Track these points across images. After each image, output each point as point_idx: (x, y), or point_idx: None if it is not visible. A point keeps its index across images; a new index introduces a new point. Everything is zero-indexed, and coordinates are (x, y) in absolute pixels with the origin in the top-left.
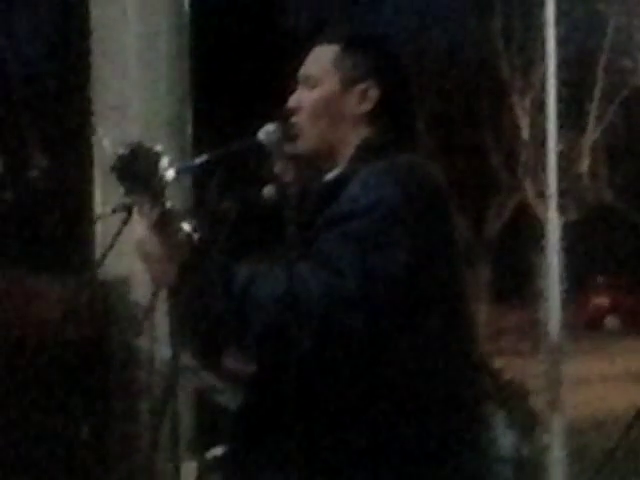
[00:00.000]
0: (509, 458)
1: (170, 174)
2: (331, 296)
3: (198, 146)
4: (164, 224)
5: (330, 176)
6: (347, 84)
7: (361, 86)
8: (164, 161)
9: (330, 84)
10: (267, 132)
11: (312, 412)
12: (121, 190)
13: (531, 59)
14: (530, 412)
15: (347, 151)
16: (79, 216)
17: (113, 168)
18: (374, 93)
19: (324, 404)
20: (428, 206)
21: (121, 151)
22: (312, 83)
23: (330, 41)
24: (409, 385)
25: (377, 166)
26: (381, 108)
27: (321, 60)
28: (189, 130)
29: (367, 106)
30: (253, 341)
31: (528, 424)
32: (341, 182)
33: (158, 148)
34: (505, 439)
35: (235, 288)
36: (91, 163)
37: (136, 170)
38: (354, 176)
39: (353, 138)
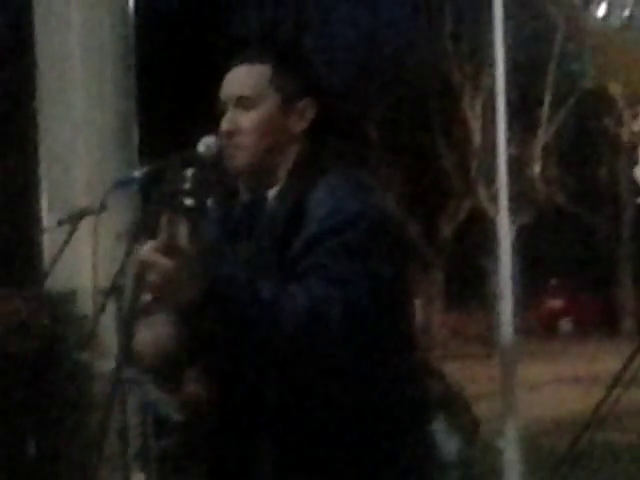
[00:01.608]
0: (452, 463)
1: (189, 202)
2: (349, 308)
3: (145, 157)
4: (176, 247)
5: (272, 192)
6: (286, 103)
7: (300, 104)
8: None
9: (270, 104)
10: (206, 144)
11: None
12: (67, 202)
13: (481, 63)
14: (472, 417)
15: (284, 169)
16: (26, 228)
17: (140, 186)
18: (311, 111)
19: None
20: (392, 217)
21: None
22: (249, 104)
23: (258, 61)
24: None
25: (336, 182)
26: (319, 126)
27: (256, 80)
28: (135, 141)
29: (304, 124)
30: (280, 359)
31: (470, 429)
32: (283, 199)
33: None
34: (448, 444)
35: (260, 307)
36: (37, 175)
37: (165, 193)
38: (306, 192)
39: (290, 156)
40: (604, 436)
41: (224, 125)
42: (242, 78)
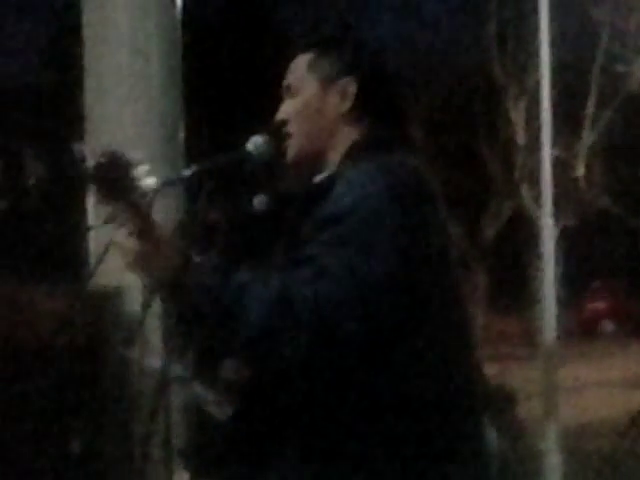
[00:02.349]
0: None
1: (150, 182)
2: (323, 302)
3: (190, 156)
4: (146, 232)
5: (318, 179)
6: (324, 85)
7: (338, 84)
8: (141, 169)
9: (308, 89)
10: (255, 143)
11: (307, 418)
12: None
13: (526, 64)
14: (517, 418)
15: (336, 154)
16: (72, 226)
17: (88, 178)
18: (352, 89)
19: (319, 409)
20: (413, 206)
21: (95, 160)
22: (293, 92)
23: (305, 49)
24: (404, 389)
25: (362, 168)
26: (363, 106)
27: (297, 68)
28: (181, 140)
29: (347, 104)
30: (244, 346)
31: (515, 430)
32: (328, 184)
33: (135, 156)
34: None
35: (230, 292)
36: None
37: (110, 179)
38: (340, 178)
39: (341, 140)
40: None
41: (277, 116)
42: (291, 69)
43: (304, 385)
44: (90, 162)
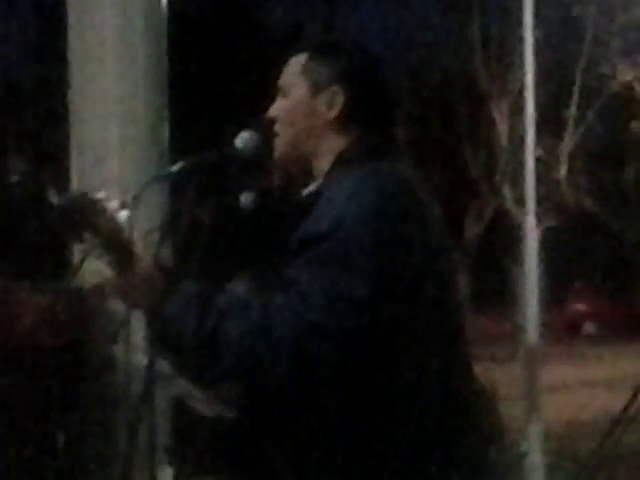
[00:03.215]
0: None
1: (123, 215)
2: (301, 327)
3: (175, 151)
4: (124, 263)
5: (306, 191)
6: (314, 91)
7: (327, 92)
8: (112, 204)
9: (298, 92)
10: (243, 139)
11: (291, 424)
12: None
13: (509, 65)
14: (497, 419)
15: (324, 162)
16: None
17: (54, 221)
18: (340, 98)
19: (306, 431)
20: (398, 223)
21: (59, 202)
22: (284, 92)
23: (301, 50)
24: (387, 411)
25: (347, 181)
26: (350, 115)
27: (291, 69)
28: (166, 136)
29: (334, 112)
30: (223, 375)
31: (495, 431)
32: (315, 198)
33: (99, 195)
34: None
35: (209, 320)
36: (68, 168)
37: (77, 220)
38: (326, 192)
39: (328, 147)
40: (628, 439)
41: (268, 113)
42: (285, 68)
43: (286, 409)
44: (58, 201)
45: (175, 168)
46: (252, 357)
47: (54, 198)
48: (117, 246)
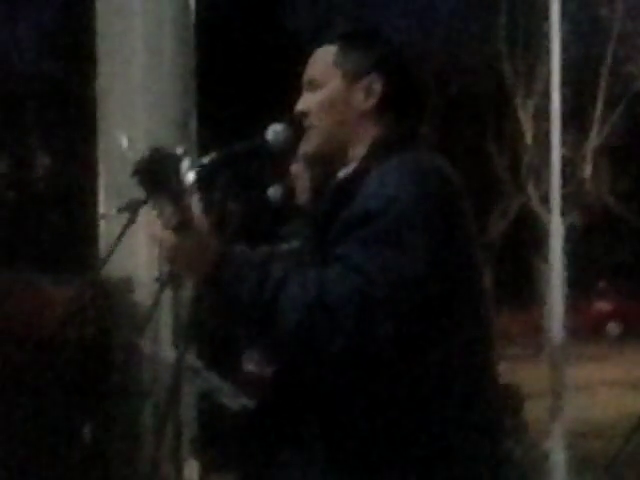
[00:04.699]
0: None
1: (190, 177)
2: (361, 300)
3: (202, 146)
4: (187, 226)
5: (342, 174)
6: (350, 81)
7: (364, 81)
8: (185, 164)
9: (333, 83)
10: (275, 132)
11: (336, 415)
12: (125, 190)
13: (535, 63)
14: (523, 418)
15: (359, 150)
16: (83, 215)
17: (135, 171)
18: (378, 86)
19: (349, 407)
20: (444, 203)
21: (143, 154)
22: (316, 85)
23: (329, 42)
24: (435, 389)
25: (391, 164)
26: (387, 103)
27: (322, 61)
28: (194, 129)
29: (372, 101)
30: (282, 342)
31: (521, 429)
32: (354, 181)
33: (180, 151)
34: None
35: (268, 287)
36: (95, 162)
37: (157, 173)
38: (367, 175)
39: (363, 136)
40: None
41: (296, 108)
42: (313, 60)
43: (335, 383)
44: (137, 155)
45: (206, 160)
46: (310, 327)
47: (126, 143)
48: (183, 206)
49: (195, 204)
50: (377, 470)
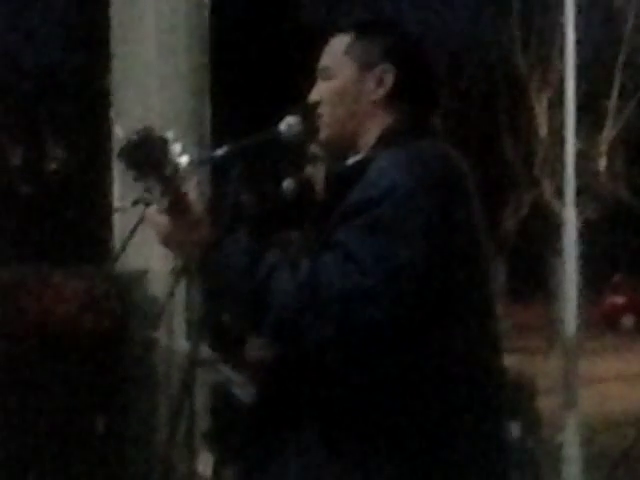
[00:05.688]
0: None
1: (184, 160)
2: (352, 288)
3: (217, 137)
4: (179, 209)
5: (350, 162)
6: (362, 70)
7: (376, 70)
8: (176, 147)
9: (346, 72)
10: (288, 124)
11: (330, 403)
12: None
13: (549, 56)
14: (537, 410)
15: (369, 139)
16: (97, 209)
17: (121, 154)
18: (390, 76)
19: (342, 395)
20: (446, 192)
21: (129, 137)
22: (329, 74)
23: (343, 31)
24: (428, 378)
25: (393, 153)
26: (399, 92)
27: (335, 50)
28: (208, 121)
29: (384, 90)
30: (270, 327)
31: (534, 421)
32: (359, 169)
33: (168, 134)
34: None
35: (259, 272)
36: (109, 155)
37: (144, 156)
38: (372, 163)
39: (374, 125)
40: None
41: (310, 97)
42: (326, 50)
43: (328, 370)
44: (125, 139)
45: (220, 152)
46: (300, 312)
47: (121, 133)
48: (175, 188)
49: (191, 188)
50: (373, 456)
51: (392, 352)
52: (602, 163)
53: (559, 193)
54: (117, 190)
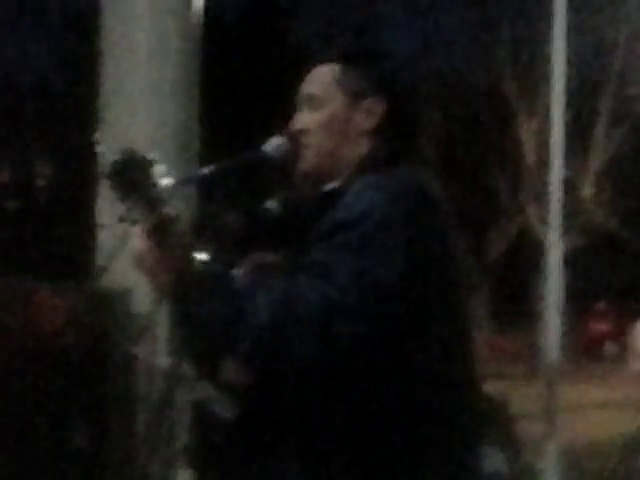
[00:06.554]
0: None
1: (166, 182)
2: (329, 308)
3: (205, 156)
4: (161, 232)
5: (329, 187)
6: (353, 101)
7: (367, 102)
8: (159, 168)
9: (336, 103)
10: (274, 145)
11: (309, 419)
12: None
13: (538, 83)
14: (516, 437)
15: (349, 165)
16: (82, 226)
17: (106, 175)
18: (379, 108)
19: (321, 412)
20: (421, 216)
21: (114, 158)
22: (317, 104)
23: (330, 60)
24: (404, 395)
25: (370, 180)
26: (386, 123)
27: (323, 79)
28: (196, 140)
29: (373, 121)
30: (248, 349)
31: (513, 447)
32: (338, 193)
33: (152, 156)
34: (492, 460)
35: (234, 297)
36: (95, 172)
37: (128, 177)
38: (350, 187)
39: (355, 152)
40: None
41: (293, 125)
42: (312, 78)
43: (307, 387)
44: (108, 159)
45: (204, 171)
46: (277, 335)
47: (105, 151)
48: (155, 210)
49: (171, 210)
50: (342, 470)
51: (369, 369)
52: (589, 191)
53: (545, 220)
54: (101, 207)
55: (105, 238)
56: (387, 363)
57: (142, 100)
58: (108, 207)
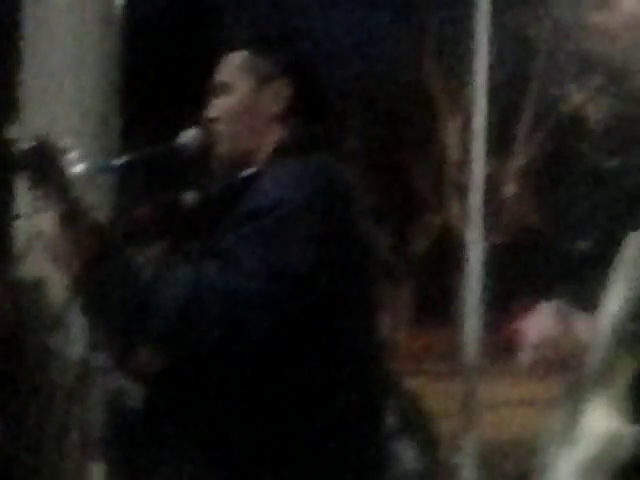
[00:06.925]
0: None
1: (78, 169)
2: (234, 295)
3: (125, 145)
4: (71, 218)
5: (244, 174)
6: (259, 85)
7: (273, 85)
8: (72, 156)
9: (243, 88)
10: (189, 135)
11: (216, 409)
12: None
13: (461, 80)
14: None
15: (264, 152)
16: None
17: (17, 162)
18: (287, 91)
19: (228, 400)
20: (333, 207)
21: (24, 145)
22: (227, 90)
23: (240, 46)
24: (309, 386)
25: (285, 167)
26: (294, 107)
27: (232, 66)
28: (117, 129)
29: (281, 105)
30: (155, 335)
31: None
32: (253, 179)
33: (64, 143)
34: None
35: (141, 285)
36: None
37: (39, 164)
38: (264, 175)
39: (269, 139)
40: None
41: (209, 112)
42: (223, 65)
43: (214, 376)
44: (20, 147)
45: (119, 161)
46: (184, 321)
47: (15, 139)
48: (67, 197)
49: (82, 199)
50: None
51: (275, 357)
52: (511, 189)
53: (466, 218)
54: (19, 197)
55: (22, 228)
56: (295, 352)
57: (62, 90)
58: (26, 197)
